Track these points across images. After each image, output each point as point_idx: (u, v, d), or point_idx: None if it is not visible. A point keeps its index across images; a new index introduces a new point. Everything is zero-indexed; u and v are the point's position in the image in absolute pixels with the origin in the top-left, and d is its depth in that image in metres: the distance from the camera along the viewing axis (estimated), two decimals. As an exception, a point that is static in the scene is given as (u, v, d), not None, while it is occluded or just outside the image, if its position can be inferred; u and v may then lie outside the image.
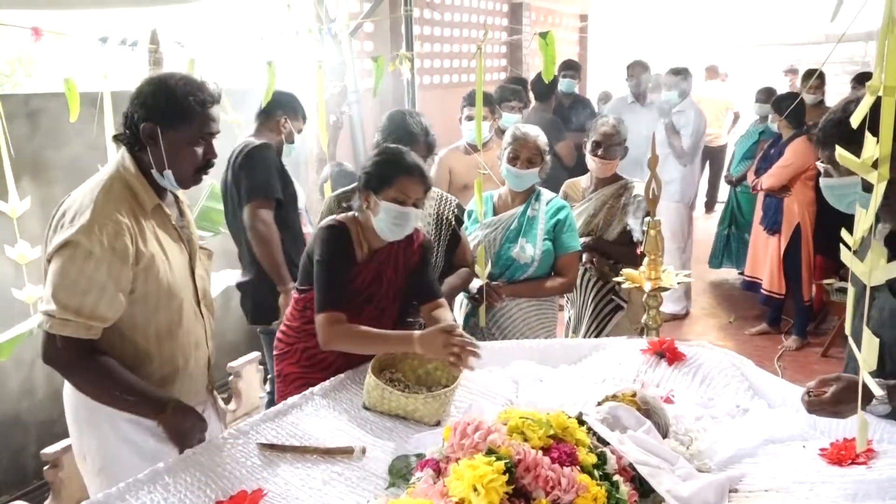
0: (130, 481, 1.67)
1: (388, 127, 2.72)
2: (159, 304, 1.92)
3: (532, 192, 3.08)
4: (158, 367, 1.97)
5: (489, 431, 1.52)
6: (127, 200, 1.87)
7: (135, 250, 1.84)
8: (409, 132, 2.64)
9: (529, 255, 2.98)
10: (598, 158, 3.33)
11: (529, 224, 3.02)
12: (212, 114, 1.92)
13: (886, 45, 1.21)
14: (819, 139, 1.92)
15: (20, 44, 5.34)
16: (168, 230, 1.98)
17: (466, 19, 7.31)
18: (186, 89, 1.87)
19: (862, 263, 1.30)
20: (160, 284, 1.90)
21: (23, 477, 3.40)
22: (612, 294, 3.31)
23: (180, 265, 1.98)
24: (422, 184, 2.24)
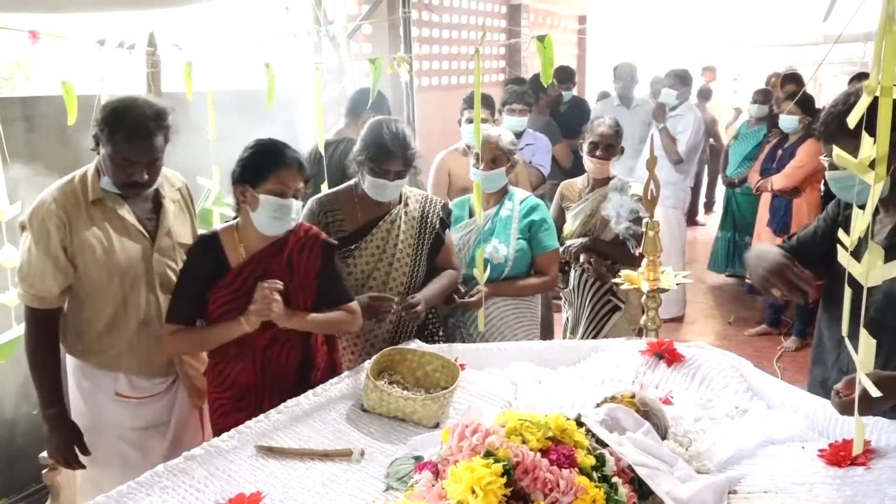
0: (132, 483, 1.68)
1: (365, 139, 2.61)
2: (100, 280, 2.26)
3: (505, 193, 3.08)
4: (109, 337, 2.32)
5: (487, 433, 1.52)
6: (73, 193, 2.24)
7: (65, 233, 2.20)
8: (383, 147, 2.53)
9: (503, 255, 2.97)
10: (596, 159, 3.33)
11: (503, 224, 3.01)
12: (135, 147, 2.15)
13: (883, 45, 1.21)
14: (821, 132, 1.92)
15: (18, 47, 5.33)
16: (115, 221, 2.28)
17: (465, 21, 7.31)
18: (122, 115, 2.15)
19: (859, 264, 1.30)
20: (97, 263, 2.24)
21: (21, 480, 3.40)
22: (609, 295, 3.31)
23: (128, 252, 2.29)
24: (300, 174, 2.20)
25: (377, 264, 2.64)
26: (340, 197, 2.71)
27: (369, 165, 2.55)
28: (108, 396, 2.38)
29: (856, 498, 1.59)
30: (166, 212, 2.39)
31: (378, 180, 2.55)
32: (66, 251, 2.21)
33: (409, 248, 2.67)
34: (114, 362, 2.35)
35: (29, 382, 3.35)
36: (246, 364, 2.24)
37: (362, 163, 2.57)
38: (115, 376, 2.36)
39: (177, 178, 2.54)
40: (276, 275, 2.18)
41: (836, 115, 1.86)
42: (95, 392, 2.38)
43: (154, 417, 2.44)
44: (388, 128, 2.57)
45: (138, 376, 2.38)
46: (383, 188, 2.58)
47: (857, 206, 1.33)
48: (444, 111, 5.99)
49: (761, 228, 5.46)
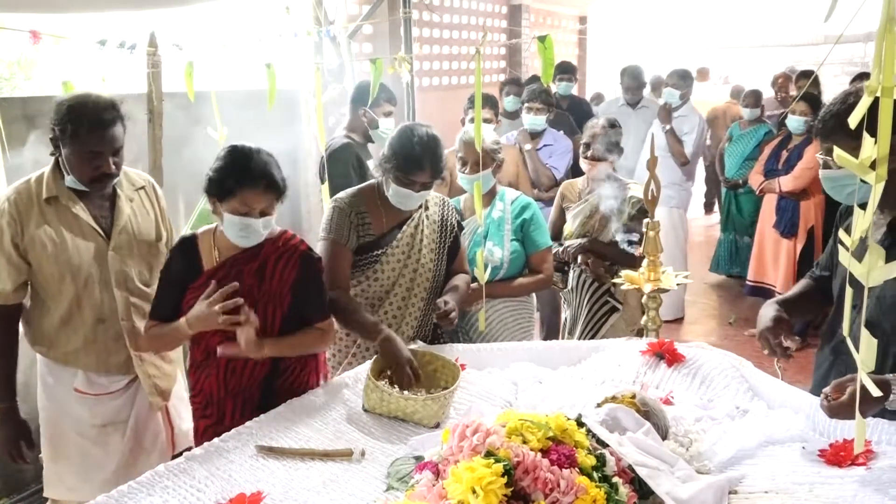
0: (132, 483, 1.68)
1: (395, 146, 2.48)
2: (54, 275, 2.31)
3: (495, 194, 3.05)
4: (65, 333, 2.37)
5: (488, 433, 1.52)
6: (27, 192, 2.30)
7: (17, 229, 2.26)
8: (413, 158, 2.43)
9: (498, 257, 2.94)
10: (587, 160, 3.33)
11: (496, 226, 3.00)
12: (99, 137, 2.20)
13: (884, 45, 1.21)
14: (819, 131, 1.92)
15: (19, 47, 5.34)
16: (68, 219, 2.32)
17: (465, 21, 7.32)
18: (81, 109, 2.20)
19: (860, 264, 1.30)
20: (49, 259, 2.29)
21: (20, 481, 3.39)
22: (607, 296, 3.30)
23: (82, 249, 2.33)
24: (264, 194, 2.08)
25: (402, 270, 2.59)
26: (365, 198, 2.61)
27: (395, 174, 2.46)
28: (68, 392, 2.43)
29: (856, 498, 1.59)
30: (121, 210, 2.41)
31: (403, 190, 2.48)
32: (17, 248, 2.28)
33: (432, 252, 2.64)
34: (71, 358, 2.40)
35: (26, 384, 3.36)
36: (210, 371, 2.20)
37: (389, 170, 2.48)
38: (74, 372, 2.42)
39: (139, 178, 2.57)
40: (245, 283, 2.12)
41: (835, 115, 1.86)
42: (56, 387, 2.45)
43: (112, 415, 2.48)
44: (419, 136, 2.46)
45: (96, 373, 2.43)
46: (408, 199, 2.51)
47: (858, 206, 1.32)
48: (445, 111, 5.99)
49: (765, 229, 5.41)
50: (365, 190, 2.65)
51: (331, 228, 2.53)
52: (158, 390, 2.53)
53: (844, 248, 1.32)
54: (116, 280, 2.39)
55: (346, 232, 2.52)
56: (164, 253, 2.52)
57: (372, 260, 2.56)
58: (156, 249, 2.51)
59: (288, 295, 2.17)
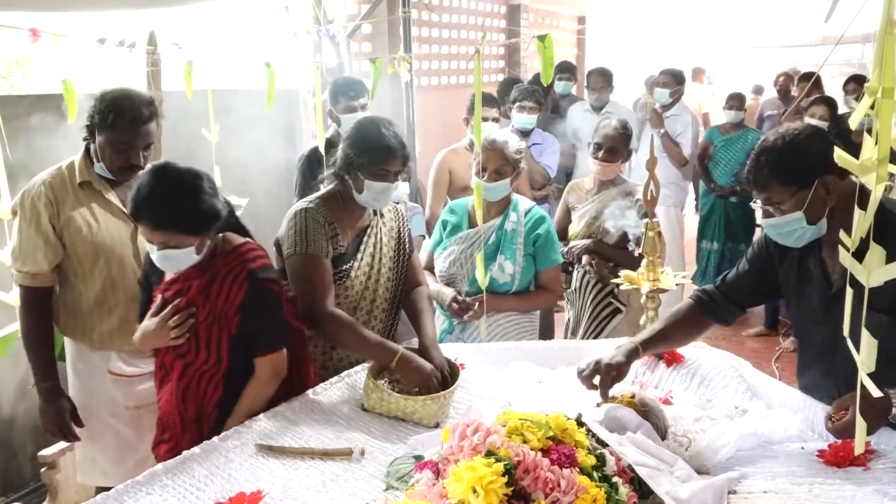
0: (129, 483, 1.68)
1: (361, 140, 2.34)
2: (88, 258, 2.39)
3: (509, 203, 2.91)
4: (99, 314, 2.44)
5: (488, 433, 1.52)
6: (61, 177, 2.40)
7: (54, 211, 2.35)
8: (387, 147, 2.32)
9: (509, 273, 2.82)
10: (599, 161, 3.29)
11: (508, 239, 2.85)
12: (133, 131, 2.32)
13: (885, 46, 1.21)
14: (752, 182, 1.90)
15: (18, 45, 5.33)
16: (101, 203, 2.42)
17: (464, 21, 7.31)
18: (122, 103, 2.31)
19: (861, 265, 1.30)
20: (85, 241, 2.37)
21: (20, 479, 3.39)
22: (610, 297, 3.28)
23: (114, 231, 2.42)
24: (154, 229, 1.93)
25: (367, 282, 2.43)
26: (331, 207, 2.39)
27: (370, 168, 2.31)
28: (102, 375, 2.49)
29: (855, 498, 1.60)
30: None
31: (379, 184, 2.32)
32: (54, 228, 2.35)
33: (391, 261, 2.50)
34: (105, 340, 2.46)
35: (26, 381, 3.36)
36: (165, 390, 2.11)
37: (361, 166, 2.31)
38: (108, 355, 2.48)
39: None
40: (191, 299, 2.01)
41: (766, 163, 1.85)
42: (89, 372, 2.51)
43: (147, 396, 2.49)
44: (381, 124, 2.37)
45: (130, 354, 2.48)
46: (385, 192, 2.35)
47: (859, 208, 1.33)
48: (444, 111, 5.99)
49: None
50: (328, 198, 2.41)
51: (306, 241, 2.28)
52: None
53: (845, 248, 1.33)
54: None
55: (324, 243, 2.31)
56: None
57: (342, 275, 2.38)
58: None
59: (236, 316, 2.00)
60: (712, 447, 1.84)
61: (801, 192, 1.81)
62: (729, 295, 2.19)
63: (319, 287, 2.25)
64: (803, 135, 1.84)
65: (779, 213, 1.87)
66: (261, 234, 4.68)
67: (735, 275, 2.20)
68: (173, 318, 1.99)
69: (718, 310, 2.20)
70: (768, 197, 1.88)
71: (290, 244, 2.30)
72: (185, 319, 2.01)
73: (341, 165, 2.38)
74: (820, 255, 1.96)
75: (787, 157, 1.82)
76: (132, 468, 2.31)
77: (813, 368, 2.06)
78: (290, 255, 2.30)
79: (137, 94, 2.39)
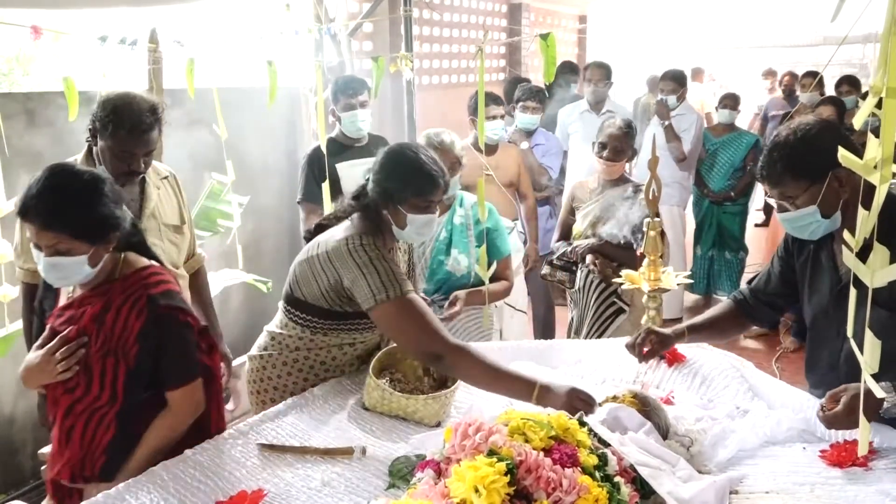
0: (130, 481, 1.67)
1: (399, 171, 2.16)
2: None
3: (454, 198, 2.94)
4: None
5: (490, 432, 1.52)
6: None
7: None
8: (430, 176, 2.15)
9: (465, 266, 2.82)
10: (603, 160, 3.30)
11: (459, 232, 2.86)
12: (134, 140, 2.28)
13: (889, 46, 1.21)
14: (766, 178, 1.93)
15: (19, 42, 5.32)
16: None
17: (465, 20, 7.30)
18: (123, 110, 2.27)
19: (865, 265, 1.30)
20: None
21: (20, 477, 3.39)
22: (614, 297, 3.28)
23: None
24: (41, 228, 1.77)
25: None
26: (377, 244, 2.13)
27: (414, 201, 2.14)
28: None
29: (857, 498, 1.60)
30: (149, 197, 2.52)
31: (423, 217, 2.16)
32: None
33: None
34: None
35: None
36: (55, 428, 1.94)
37: (403, 200, 2.13)
38: None
39: (164, 169, 2.68)
40: (85, 328, 1.84)
41: (779, 160, 1.87)
42: None
43: None
44: (417, 152, 2.20)
45: None
46: (430, 224, 2.21)
47: (863, 208, 1.33)
48: (445, 110, 5.98)
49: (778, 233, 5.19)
50: (372, 233, 2.17)
51: (396, 282, 2.04)
52: None
53: (849, 248, 1.32)
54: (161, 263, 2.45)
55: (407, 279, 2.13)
56: (188, 236, 2.66)
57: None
58: (181, 233, 2.62)
59: (134, 346, 1.82)
60: (714, 447, 1.85)
61: (814, 185, 1.83)
62: (759, 296, 2.25)
63: (433, 323, 2.04)
64: (815, 129, 1.86)
65: (793, 207, 1.89)
66: (262, 231, 4.71)
67: (764, 275, 2.26)
68: (60, 350, 1.80)
69: (753, 311, 2.27)
70: (782, 192, 1.90)
71: (379, 290, 2.02)
72: (74, 351, 1.81)
73: (377, 198, 2.17)
74: (831, 248, 1.98)
75: (800, 152, 1.85)
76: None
77: (821, 363, 2.07)
78: (384, 301, 2.02)
79: (140, 100, 2.34)
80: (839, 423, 1.74)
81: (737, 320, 2.31)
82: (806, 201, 1.86)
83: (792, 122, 1.95)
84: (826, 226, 1.89)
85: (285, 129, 4.83)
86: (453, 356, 2.01)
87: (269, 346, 2.30)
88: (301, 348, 2.24)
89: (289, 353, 2.26)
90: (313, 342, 2.23)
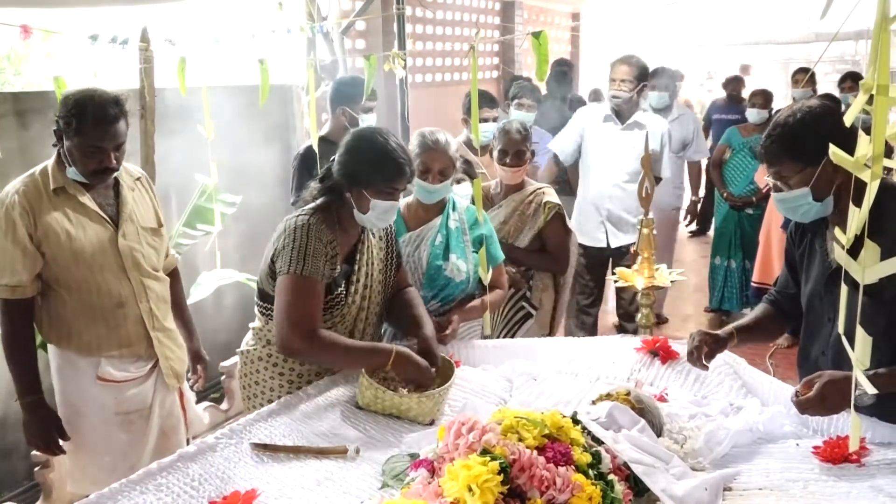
0: (124, 481, 1.67)
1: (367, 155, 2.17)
2: (70, 264, 2.32)
3: (445, 201, 2.76)
4: (85, 321, 2.37)
5: (484, 431, 1.52)
6: (34, 184, 2.31)
7: (30, 220, 2.26)
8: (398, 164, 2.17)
9: (464, 271, 2.69)
10: (507, 167, 3.23)
11: (455, 237, 2.72)
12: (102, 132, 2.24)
13: (880, 43, 1.21)
14: (763, 155, 1.95)
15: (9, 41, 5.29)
16: (77, 208, 2.34)
17: (458, 18, 7.30)
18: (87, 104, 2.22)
19: (856, 262, 1.30)
20: (64, 248, 2.30)
21: (13, 478, 3.37)
22: (522, 301, 3.25)
23: (93, 236, 2.35)
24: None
25: (362, 303, 2.31)
26: (329, 223, 2.20)
27: (379, 186, 2.15)
28: (90, 382, 2.42)
29: (850, 495, 1.60)
30: (125, 199, 2.46)
31: (385, 203, 2.17)
32: (31, 238, 2.27)
33: (380, 273, 2.37)
34: (94, 346, 2.39)
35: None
36: None
37: (368, 184, 2.15)
38: (96, 361, 2.41)
39: (135, 170, 2.62)
40: None
41: (777, 138, 1.90)
42: (78, 379, 2.43)
43: (137, 402, 2.49)
44: (390, 137, 2.20)
45: (119, 359, 2.44)
46: (392, 211, 2.22)
47: (854, 205, 1.33)
48: (438, 108, 5.98)
49: (772, 230, 5.09)
50: (325, 212, 2.21)
51: (304, 261, 2.11)
52: (174, 372, 2.57)
53: (840, 245, 1.33)
54: (130, 264, 2.42)
55: (322, 266, 2.14)
56: (165, 238, 2.61)
57: (338, 301, 2.25)
58: (159, 235, 2.57)
59: None
60: (708, 444, 1.85)
61: (808, 168, 1.84)
62: (784, 294, 2.25)
63: (311, 311, 2.11)
64: (815, 112, 1.88)
65: (786, 188, 1.91)
66: (254, 231, 4.69)
67: (781, 275, 2.28)
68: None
69: (786, 309, 2.25)
70: (777, 171, 1.92)
71: (287, 261, 2.11)
72: None
73: (342, 181, 2.20)
74: (824, 234, 2.00)
75: (798, 133, 1.86)
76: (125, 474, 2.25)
77: (812, 352, 2.09)
78: (284, 273, 2.12)
79: (102, 93, 2.28)
80: (812, 408, 1.77)
81: (776, 320, 2.29)
82: (799, 183, 1.88)
83: (796, 103, 1.97)
84: (817, 209, 1.90)
85: (277, 128, 4.82)
86: (318, 346, 2.08)
87: (251, 340, 2.38)
88: (272, 341, 2.26)
89: (262, 348, 2.31)
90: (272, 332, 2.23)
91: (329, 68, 4.85)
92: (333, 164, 2.25)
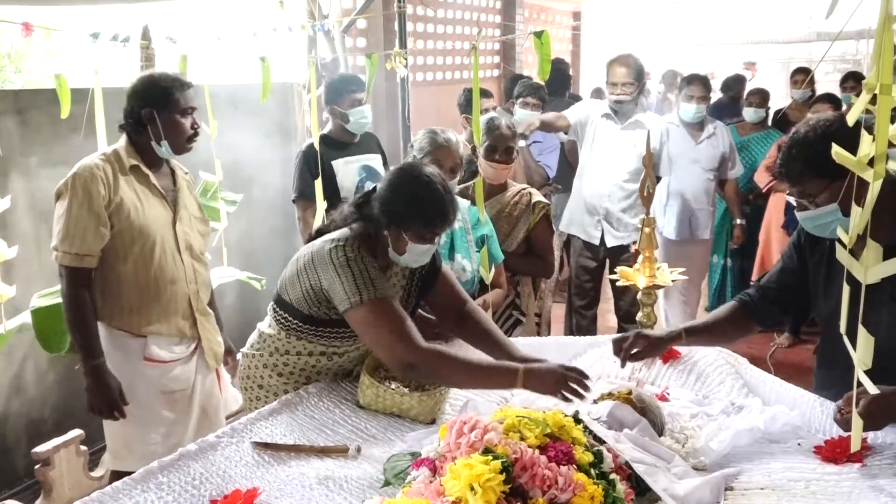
0: (125, 480, 1.67)
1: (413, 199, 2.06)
2: (133, 239, 2.46)
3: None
4: (135, 292, 2.50)
5: (486, 430, 1.52)
6: (110, 161, 2.46)
7: (107, 193, 2.39)
8: (444, 213, 2.07)
9: (469, 271, 2.70)
10: (497, 163, 3.07)
11: (460, 237, 2.74)
12: (189, 94, 2.54)
13: (883, 43, 1.21)
14: (783, 174, 1.90)
15: (10, 39, 5.30)
16: (148, 186, 2.54)
17: (459, 16, 7.29)
18: (167, 79, 2.51)
19: (859, 262, 1.30)
20: (132, 223, 2.45)
21: (13, 476, 3.38)
22: (511, 308, 3.17)
23: (157, 215, 2.53)
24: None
25: None
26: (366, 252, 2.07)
27: (420, 231, 2.05)
28: (138, 362, 2.54)
29: (852, 495, 1.60)
30: (181, 186, 2.67)
31: (422, 247, 2.07)
32: (105, 209, 2.41)
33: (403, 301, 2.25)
34: (143, 322, 2.52)
35: (19, 378, 3.35)
36: None
37: (408, 227, 2.05)
38: (144, 342, 2.53)
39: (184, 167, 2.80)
40: None
41: (799, 155, 1.85)
42: (125, 359, 2.53)
43: (181, 382, 2.62)
44: (434, 180, 2.07)
45: (167, 338, 2.57)
46: (427, 254, 2.13)
47: (856, 205, 1.33)
48: (439, 107, 5.98)
49: (771, 229, 5.07)
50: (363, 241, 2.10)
51: (373, 286, 1.99)
52: (214, 353, 2.72)
53: (843, 245, 1.33)
54: (184, 246, 2.59)
55: (386, 285, 2.06)
56: (209, 229, 2.80)
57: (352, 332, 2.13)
58: (205, 224, 2.75)
59: None
60: (709, 443, 1.84)
61: (834, 183, 1.78)
62: (767, 295, 2.18)
63: (407, 326, 1.99)
64: (835, 126, 1.82)
65: (813, 205, 1.86)
66: (255, 230, 4.70)
67: (772, 273, 2.20)
68: None
69: (759, 311, 2.18)
70: (802, 190, 1.87)
71: (355, 291, 1.98)
72: None
73: (381, 218, 2.07)
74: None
75: (820, 149, 1.80)
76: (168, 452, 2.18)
77: (836, 364, 2.03)
78: (357, 304, 1.98)
79: (163, 72, 2.58)
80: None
81: (740, 322, 2.21)
82: (826, 199, 1.82)
83: (811, 118, 1.91)
84: (846, 223, 1.87)
85: (279, 126, 4.82)
86: (426, 363, 1.96)
87: (256, 343, 2.30)
88: (280, 350, 2.20)
89: (269, 356, 2.23)
90: (291, 345, 2.19)
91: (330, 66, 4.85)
92: (374, 193, 2.13)
